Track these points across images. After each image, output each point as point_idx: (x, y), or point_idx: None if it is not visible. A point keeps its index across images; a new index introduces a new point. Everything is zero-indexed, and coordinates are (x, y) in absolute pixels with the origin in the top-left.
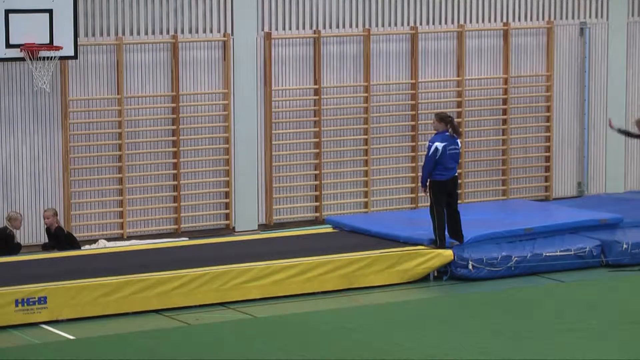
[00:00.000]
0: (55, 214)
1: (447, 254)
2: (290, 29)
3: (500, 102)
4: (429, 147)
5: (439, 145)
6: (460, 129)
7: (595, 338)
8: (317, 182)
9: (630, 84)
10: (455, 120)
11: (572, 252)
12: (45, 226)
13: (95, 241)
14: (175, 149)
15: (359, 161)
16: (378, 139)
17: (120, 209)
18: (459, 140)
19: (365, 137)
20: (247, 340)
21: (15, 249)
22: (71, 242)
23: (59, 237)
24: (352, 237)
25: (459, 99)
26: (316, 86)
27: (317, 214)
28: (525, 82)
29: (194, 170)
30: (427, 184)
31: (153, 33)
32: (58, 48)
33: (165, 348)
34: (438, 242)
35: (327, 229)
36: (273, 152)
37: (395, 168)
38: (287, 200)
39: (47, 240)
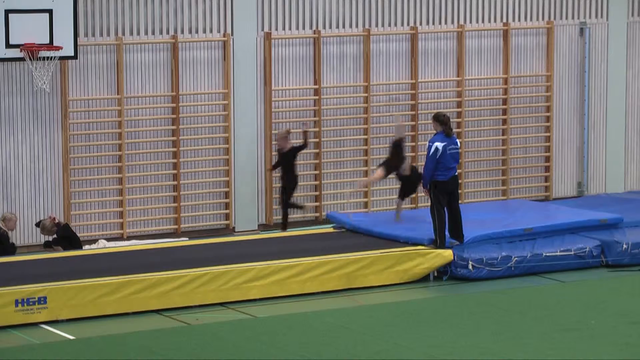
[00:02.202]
0: (54, 220)
1: (447, 254)
2: (290, 29)
3: (500, 102)
4: (429, 148)
5: (439, 145)
6: (460, 129)
7: (595, 338)
8: (317, 182)
9: (630, 84)
10: (455, 120)
11: (572, 252)
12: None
13: (95, 241)
14: (175, 149)
15: (359, 161)
16: (378, 139)
17: (120, 209)
18: (458, 140)
19: (365, 137)
20: (247, 340)
21: (10, 249)
22: (72, 242)
23: (65, 233)
24: (352, 237)
25: (459, 99)
26: (316, 86)
27: (317, 214)
28: (525, 82)
29: (194, 170)
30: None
31: (153, 33)
32: (58, 48)
33: (165, 348)
34: (438, 242)
35: (327, 229)
36: (273, 152)
37: None
38: None
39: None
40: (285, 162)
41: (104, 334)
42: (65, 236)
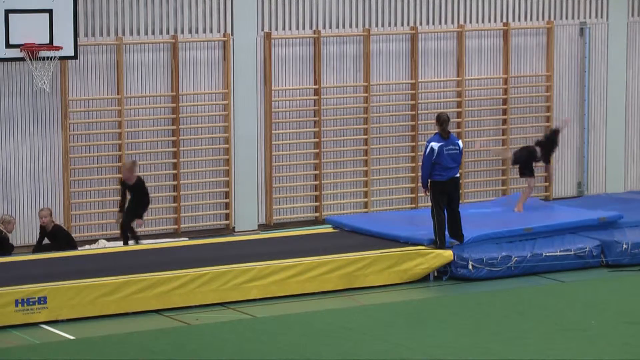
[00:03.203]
0: (51, 213)
1: (447, 254)
2: (290, 29)
3: (500, 102)
4: (425, 148)
5: (435, 145)
6: (460, 129)
7: (595, 338)
8: (317, 182)
9: (630, 84)
10: (455, 120)
11: (572, 252)
12: (41, 225)
13: (95, 241)
14: (175, 149)
15: (359, 161)
16: (378, 139)
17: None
18: (459, 141)
19: (365, 137)
20: (247, 340)
21: (9, 250)
22: (69, 241)
23: (58, 236)
24: (352, 237)
25: (459, 99)
26: (316, 86)
27: (317, 214)
28: (525, 82)
29: (194, 170)
30: (428, 184)
31: (153, 33)
32: (58, 48)
33: (165, 348)
34: (438, 242)
35: (327, 229)
36: (273, 152)
37: (395, 168)
38: (287, 200)
39: (40, 238)
40: (135, 192)
41: (104, 334)
42: (61, 238)
